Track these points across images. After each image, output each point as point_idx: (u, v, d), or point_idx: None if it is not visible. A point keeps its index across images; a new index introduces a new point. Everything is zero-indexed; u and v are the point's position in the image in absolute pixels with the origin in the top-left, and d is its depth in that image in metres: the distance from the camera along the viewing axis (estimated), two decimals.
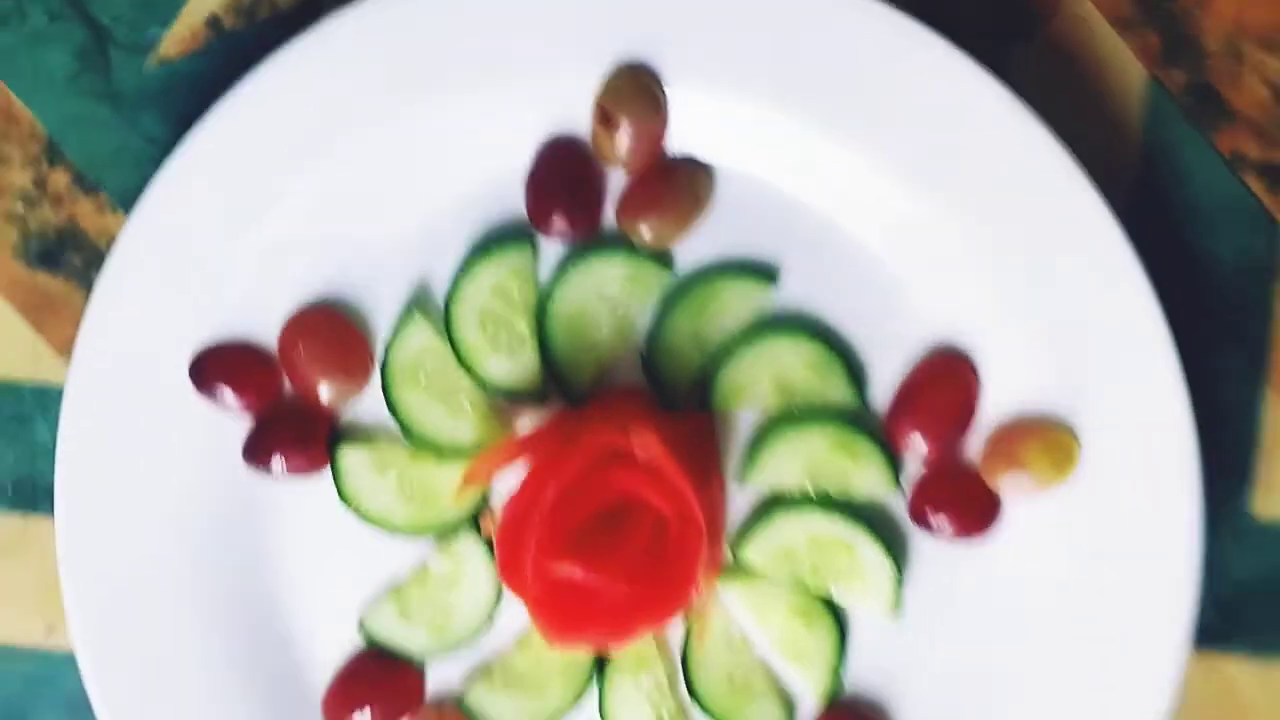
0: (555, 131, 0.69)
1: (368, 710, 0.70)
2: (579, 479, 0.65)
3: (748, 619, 0.70)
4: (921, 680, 0.70)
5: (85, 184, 0.74)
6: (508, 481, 0.68)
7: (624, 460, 0.65)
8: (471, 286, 0.69)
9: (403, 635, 0.71)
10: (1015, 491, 0.67)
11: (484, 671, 0.71)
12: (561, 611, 0.65)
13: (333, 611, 0.71)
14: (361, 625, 0.71)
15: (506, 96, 0.68)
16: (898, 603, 0.69)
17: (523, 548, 0.65)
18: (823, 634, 0.69)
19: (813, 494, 0.69)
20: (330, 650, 0.71)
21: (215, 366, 0.69)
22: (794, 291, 0.70)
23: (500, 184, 0.70)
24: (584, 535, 0.65)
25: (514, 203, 0.70)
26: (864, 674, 0.70)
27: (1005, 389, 0.68)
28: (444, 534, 0.70)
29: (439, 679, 0.72)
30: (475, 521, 0.71)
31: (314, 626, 0.71)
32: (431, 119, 0.69)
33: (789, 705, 0.71)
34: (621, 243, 0.69)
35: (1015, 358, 0.68)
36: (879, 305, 0.69)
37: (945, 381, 0.68)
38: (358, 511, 0.70)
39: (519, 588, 0.66)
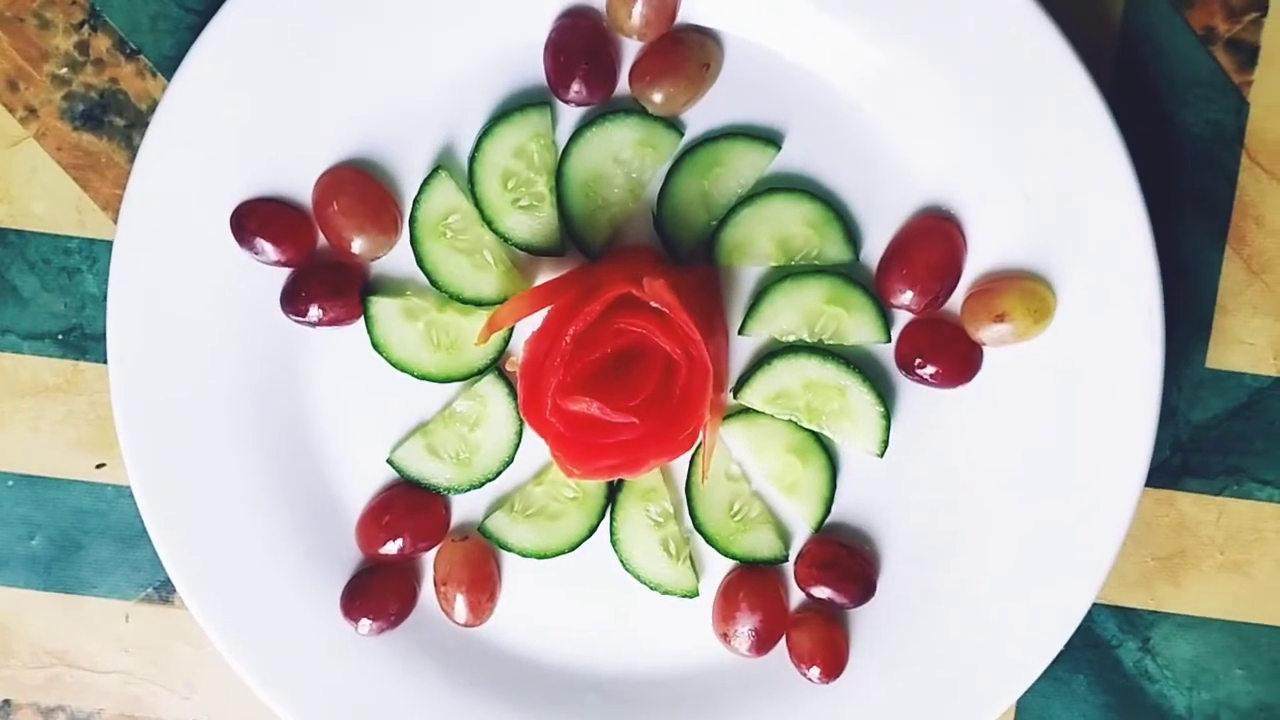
0: (574, 1, 0.72)
1: (399, 538, 0.74)
2: (595, 323, 0.68)
3: (747, 455, 0.74)
4: (902, 512, 0.75)
5: (126, 49, 0.77)
6: (528, 329, 0.71)
7: (636, 307, 0.68)
8: (494, 147, 0.72)
9: (430, 470, 0.75)
10: (995, 342, 0.71)
11: (505, 502, 0.75)
12: (578, 445, 0.69)
13: (366, 449, 0.75)
14: (392, 461, 0.75)
15: None
16: (884, 442, 0.73)
17: (543, 386, 0.68)
18: (815, 469, 0.74)
19: (809, 342, 0.73)
20: (364, 483, 0.75)
21: (254, 221, 0.71)
22: (795, 156, 0.72)
23: (522, 52, 0.72)
24: (599, 375, 0.69)
25: (534, 70, 0.72)
26: (850, 506, 0.75)
27: (987, 246, 0.72)
28: (469, 378, 0.74)
29: (463, 511, 0.76)
30: (498, 366, 0.75)
31: (349, 462, 0.75)
32: None
33: (782, 533, 0.75)
34: (634, 108, 0.72)
35: (997, 216, 0.71)
36: (873, 169, 0.72)
37: (932, 239, 0.72)
38: (388, 357, 0.73)
39: (539, 424, 0.69)
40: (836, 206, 0.73)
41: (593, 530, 0.75)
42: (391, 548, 0.74)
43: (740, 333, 0.74)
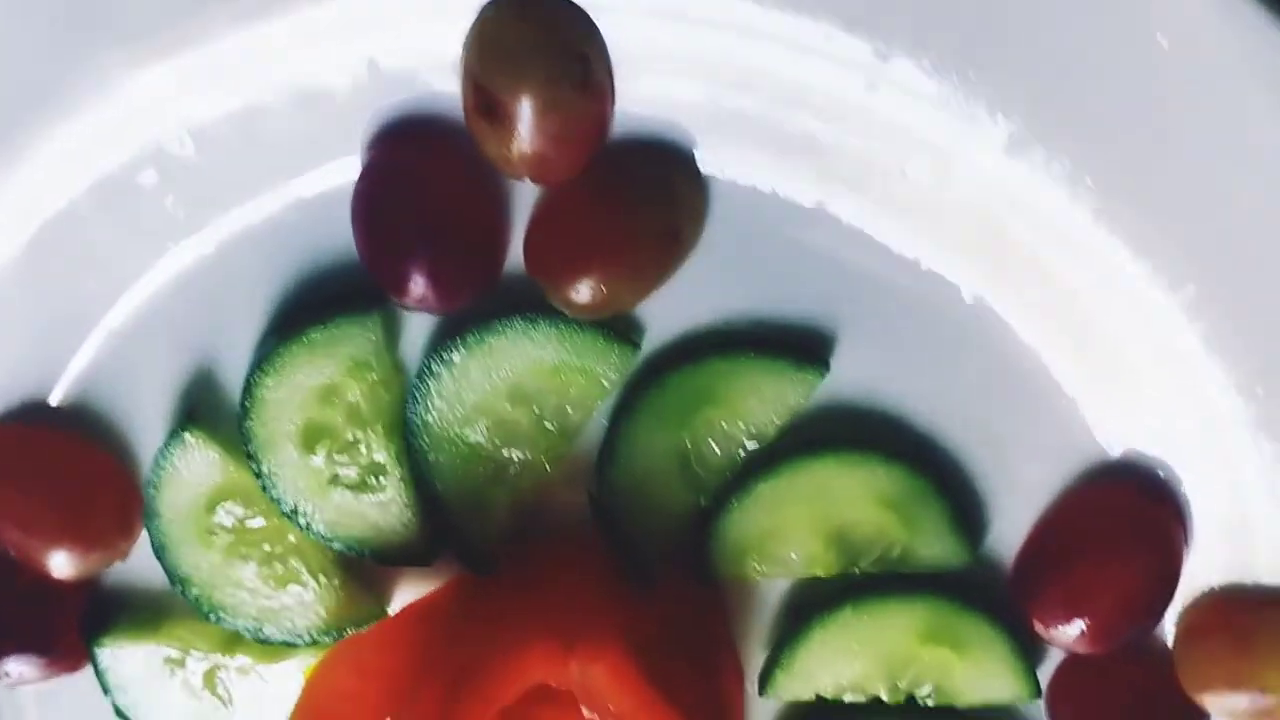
0: (402, 119, 0.43)
1: None
2: None
3: None
4: None
5: None
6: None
7: (563, 705, 0.43)
8: (281, 391, 0.46)
9: None
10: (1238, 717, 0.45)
11: None
12: None
13: None
14: None
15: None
16: None
17: None
18: None
19: (890, 703, 0.48)
20: None
21: None
22: (853, 379, 0.46)
23: (321, 210, 0.45)
24: None
25: (343, 242, 0.45)
26: None
27: (1224, 542, 0.46)
28: None
29: None
30: None
31: None
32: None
33: None
34: (545, 307, 0.46)
35: (1238, 468, 0.45)
36: (999, 387, 0.46)
37: (1120, 527, 0.45)
38: None
39: None
40: (934, 468, 0.47)
41: None
42: None
43: (761, 693, 0.48)
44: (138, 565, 0.50)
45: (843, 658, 0.47)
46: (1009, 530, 0.48)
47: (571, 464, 0.48)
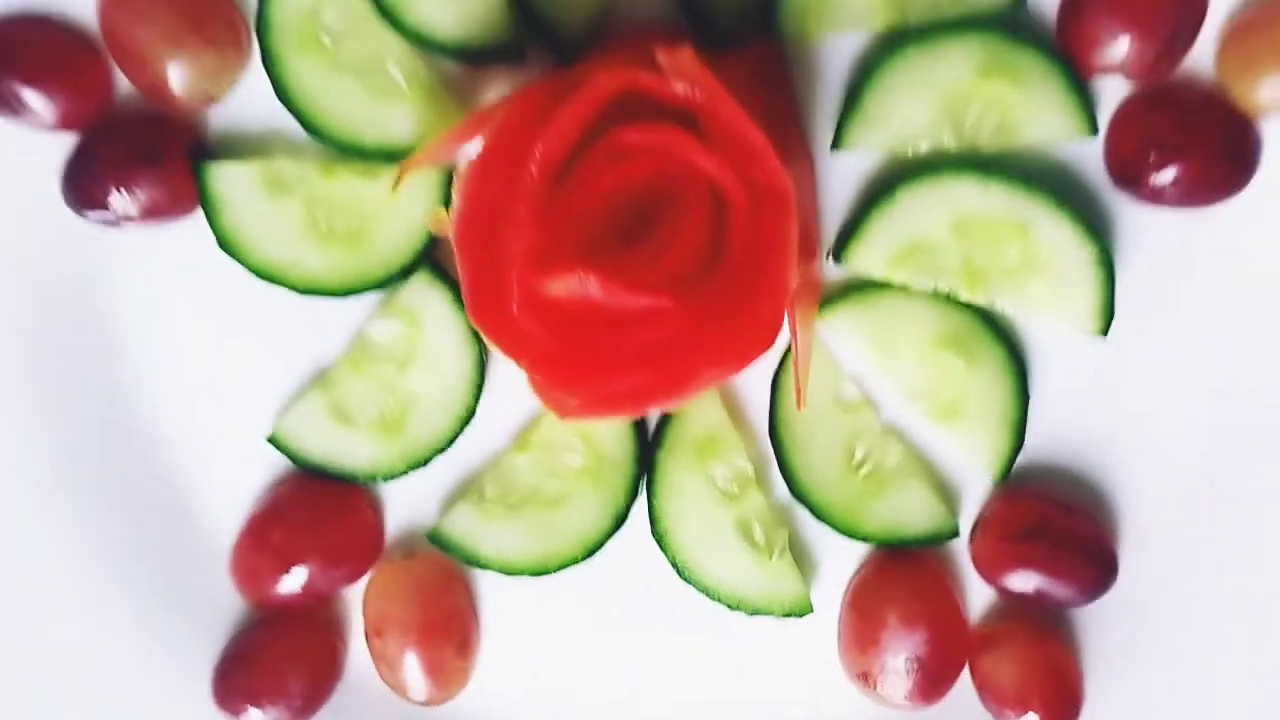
0: None
1: (300, 565, 0.52)
2: (581, 140, 0.44)
3: (869, 363, 0.52)
4: (1145, 437, 0.52)
5: None
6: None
7: (652, 111, 0.44)
8: None
9: (340, 445, 0.53)
10: None
11: (470, 487, 0.54)
12: (575, 359, 0.45)
13: (232, 424, 0.54)
14: (276, 437, 0.54)
15: None
16: (1107, 312, 0.50)
17: (502, 260, 0.44)
18: (989, 372, 0.51)
19: (956, 152, 0.50)
20: (235, 485, 0.54)
21: (10, 57, 0.51)
22: None
23: None
24: (599, 232, 0.45)
25: None
26: (1056, 434, 0.52)
27: None
28: (385, 283, 0.52)
29: (403, 511, 0.54)
30: (433, 260, 0.52)
31: (206, 452, 0.54)
32: None
33: (943, 490, 0.52)
34: None
35: None
36: None
37: None
38: (248, 262, 0.52)
39: (502, 330, 0.45)
40: None
41: (620, 518, 0.53)
42: (290, 582, 0.53)
43: (834, 147, 0.51)
44: (246, 90, 0.51)
45: (906, 104, 0.49)
46: None
47: None
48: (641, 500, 0.53)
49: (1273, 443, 0.51)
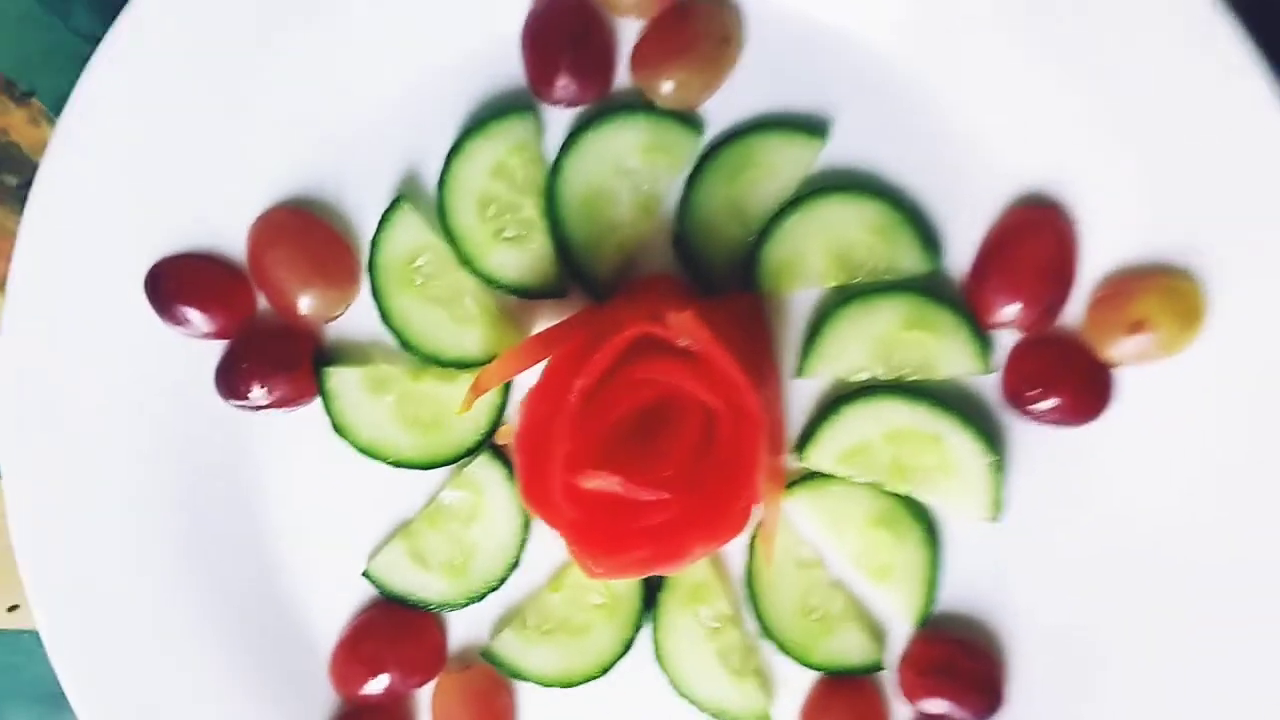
0: None
1: (384, 673, 0.62)
2: (608, 374, 0.56)
3: (821, 534, 0.62)
4: (1031, 593, 0.61)
5: (15, 92, 0.64)
6: (525, 391, 0.58)
7: (660, 351, 0.56)
8: (467, 168, 0.61)
9: (417, 582, 0.63)
10: (1132, 358, 0.58)
11: (515, 617, 0.63)
12: (600, 534, 0.56)
13: (336, 562, 0.63)
14: (369, 573, 0.63)
15: None
16: (997, 502, 0.60)
17: (548, 461, 0.56)
18: (911, 545, 0.61)
19: (887, 380, 0.61)
20: (336, 605, 0.63)
21: (175, 283, 0.60)
22: (847, 146, 0.61)
23: (493, 47, 0.61)
24: (619, 441, 0.57)
25: (511, 67, 0.61)
26: (962, 590, 0.61)
27: (1107, 237, 0.59)
28: (456, 460, 0.62)
29: (463, 632, 0.64)
30: (491, 444, 0.62)
31: (316, 580, 0.63)
32: None
33: (876, 631, 0.62)
34: (639, 104, 0.61)
35: (1116, 198, 0.58)
36: (948, 152, 0.60)
37: (1036, 234, 0.59)
38: (355, 442, 0.62)
39: (547, 510, 0.57)
40: (906, 204, 0.60)
41: (629, 645, 0.62)
42: (375, 685, 0.62)
43: (797, 375, 0.61)
44: (357, 312, 0.62)
45: (850, 345, 0.59)
46: (963, 246, 0.59)
47: (660, 218, 0.61)
48: (646, 631, 0.62)
49: (1125, 601, 0.59)
